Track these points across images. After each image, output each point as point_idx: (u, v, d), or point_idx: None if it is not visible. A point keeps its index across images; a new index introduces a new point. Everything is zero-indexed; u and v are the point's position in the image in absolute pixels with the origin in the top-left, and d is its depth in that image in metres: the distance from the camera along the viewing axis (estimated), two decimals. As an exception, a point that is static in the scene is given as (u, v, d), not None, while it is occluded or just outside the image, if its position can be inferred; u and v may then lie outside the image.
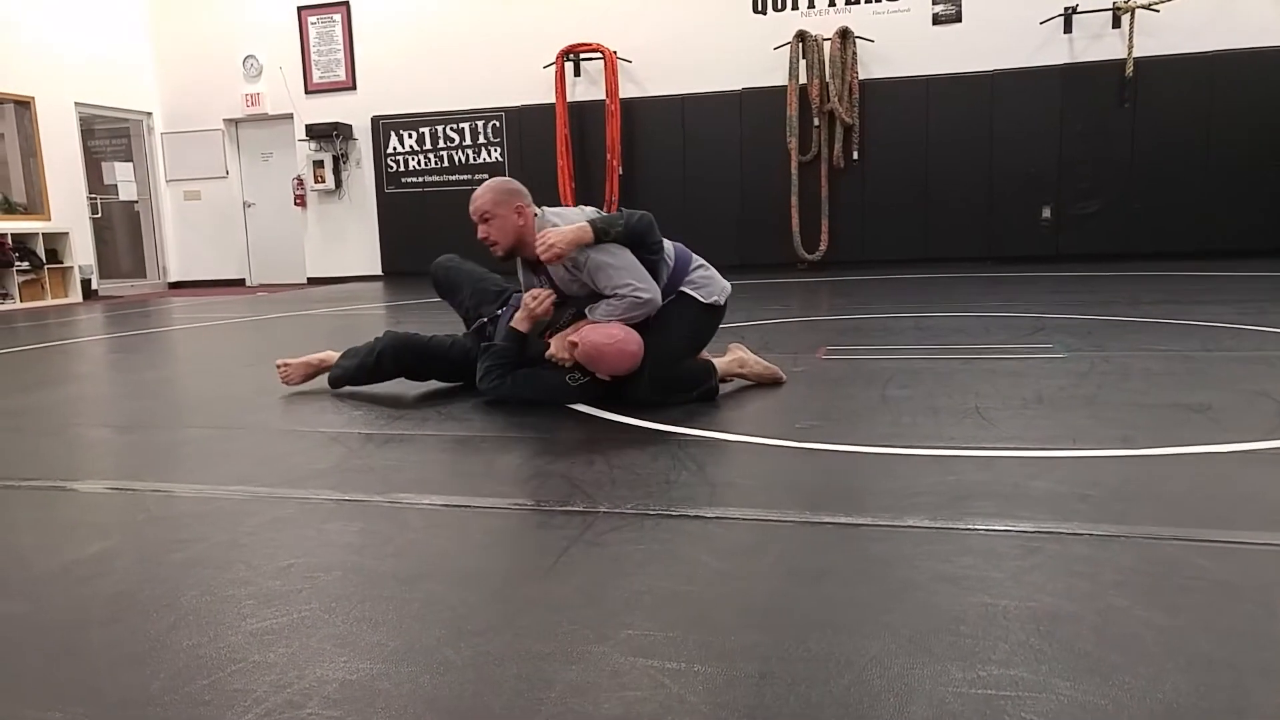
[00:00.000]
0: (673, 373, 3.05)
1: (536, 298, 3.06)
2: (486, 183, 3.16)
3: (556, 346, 3.02)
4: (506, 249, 3.11)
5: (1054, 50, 9.40)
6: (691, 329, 3.12)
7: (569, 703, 1.21)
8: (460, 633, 1.43)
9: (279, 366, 3.58)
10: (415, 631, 1.44)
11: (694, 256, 3.19)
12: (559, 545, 1.79)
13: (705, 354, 3.24)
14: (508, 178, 3.25)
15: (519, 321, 3.09)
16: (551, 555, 1.74)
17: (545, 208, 3.14)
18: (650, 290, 2.96)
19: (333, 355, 3.57)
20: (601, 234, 2.92)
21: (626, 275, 2.94)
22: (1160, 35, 9.04)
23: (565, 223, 3.02)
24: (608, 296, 2.97)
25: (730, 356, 3.33)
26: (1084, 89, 9.27)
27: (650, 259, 3.03)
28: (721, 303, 3.16)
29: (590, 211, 3.14)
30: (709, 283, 3.14)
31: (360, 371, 3.40)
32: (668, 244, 3.14)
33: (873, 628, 1.39)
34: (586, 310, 3.02)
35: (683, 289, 3.08)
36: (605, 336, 2.91)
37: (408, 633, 1.43)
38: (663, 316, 3.03)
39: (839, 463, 2.36)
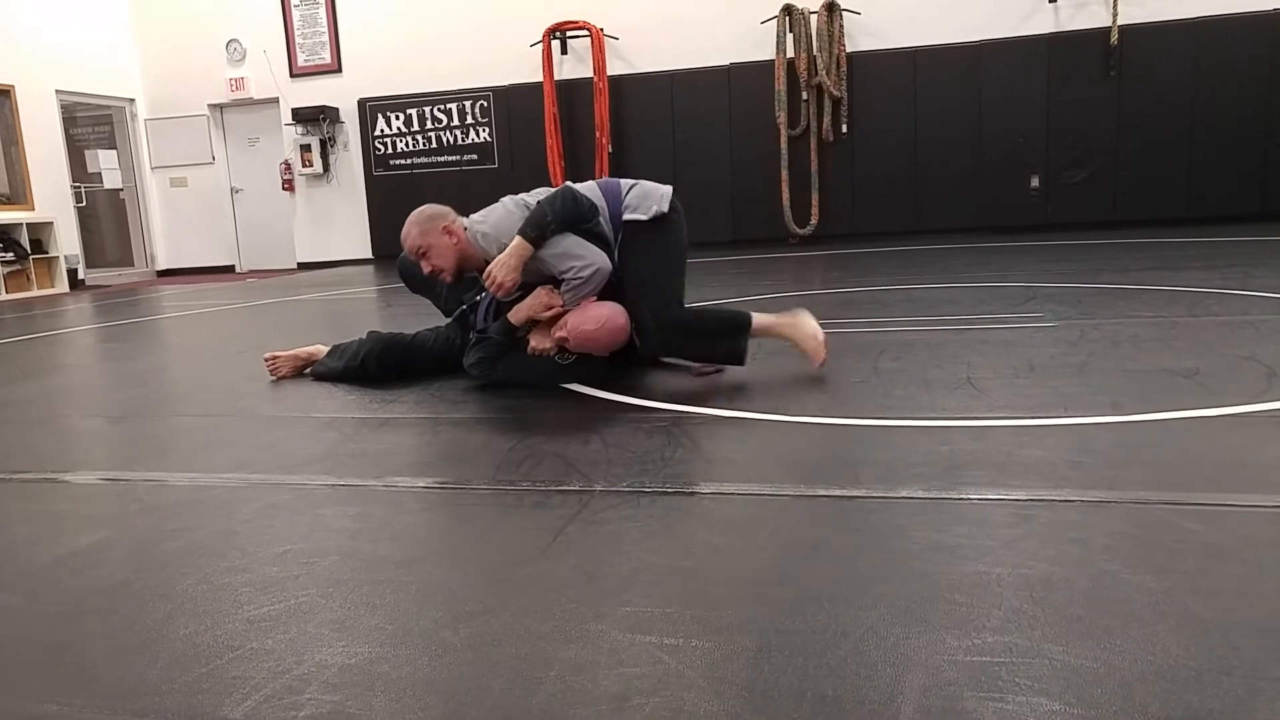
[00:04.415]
0: (670, 309, 2.96)
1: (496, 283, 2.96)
2: (409, 219, 3.13)
3: (537, 340, 3.01)
4: (454, 271, 3.11)
5: (1040, 20, 9.35)
6: (655, 251, 3.02)
7: (568, 681, 1.22)
8: (458, 614, 1.43)
9: (267, 360, 3.57)
10: (413, 614, 1.44)
11: (623, 183, 3.12)
12: (555, 524, 1.80)
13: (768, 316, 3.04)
14: (425, 205, 3.21)
15: (515, 315, 3.05)
16: (548, 535, 1.75)
17: (470, 217, 3.11)
18: (590, 264, 2.91)
19: (321, 349, 3.57)
20: (538, 241, 2.88)
21: (565, 260, 2.92)
22: (1144, 3, 8.99)
23: (491, 221, 3.02)
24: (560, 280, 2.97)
25: (787, 316, 3.06)
26: (1070, 58, 9.23)
27: (588, 227, 2.97)
28: (664, 209, 3.03)
29: (511, 204, 3.06)
30: (644, 198, 3.05)
31: (345, 374, 3.41)
32: (595, 188, 3.07)
33: (868, 599, 1.40)
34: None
35: (625, 218, 3.02)
36: (591, 321, 2.91)
37: (405, 615, 1.44)
38: (623, 258, 2.99)
39: (832, 436, 2.37)
